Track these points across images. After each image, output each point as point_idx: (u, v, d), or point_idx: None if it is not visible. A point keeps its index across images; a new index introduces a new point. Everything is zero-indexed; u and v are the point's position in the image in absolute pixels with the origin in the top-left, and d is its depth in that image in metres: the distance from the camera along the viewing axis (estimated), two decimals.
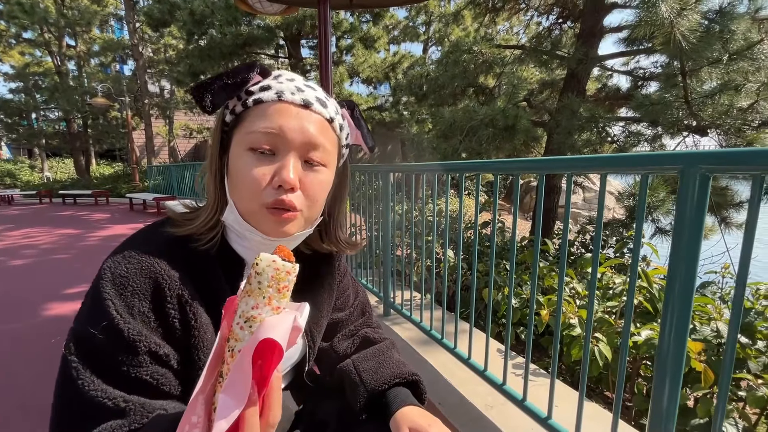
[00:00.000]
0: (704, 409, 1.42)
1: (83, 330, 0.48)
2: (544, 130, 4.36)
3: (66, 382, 0.47)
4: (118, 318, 0.47)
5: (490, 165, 1.31)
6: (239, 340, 0.36)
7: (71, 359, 0.47)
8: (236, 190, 0.54)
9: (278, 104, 0.53)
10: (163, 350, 0.50)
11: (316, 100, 0.55)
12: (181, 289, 0.52)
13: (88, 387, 0.45)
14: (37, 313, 2.76)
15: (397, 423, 0.58)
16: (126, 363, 0.47)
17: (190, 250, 0.55)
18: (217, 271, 0.56)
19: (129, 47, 14.75)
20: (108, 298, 0.48)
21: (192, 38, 9.05)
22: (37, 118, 17.26)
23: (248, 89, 0.54)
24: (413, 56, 10.42)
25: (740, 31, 2.70)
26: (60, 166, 19.16)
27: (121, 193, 11.94)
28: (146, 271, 0.50)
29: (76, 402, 0.46)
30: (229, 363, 0.36)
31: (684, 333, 0.74)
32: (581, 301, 1.91)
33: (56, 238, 5.85)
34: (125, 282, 0.49)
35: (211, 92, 0.52)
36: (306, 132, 0.53)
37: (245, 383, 0.33)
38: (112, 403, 0.46)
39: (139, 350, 0.47)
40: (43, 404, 1.66)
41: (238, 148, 0.54)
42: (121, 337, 0.47)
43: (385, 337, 0.77)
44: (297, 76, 0.57)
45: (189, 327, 0.52)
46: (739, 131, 2.77)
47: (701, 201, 0.68)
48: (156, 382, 0.49)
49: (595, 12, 4.17)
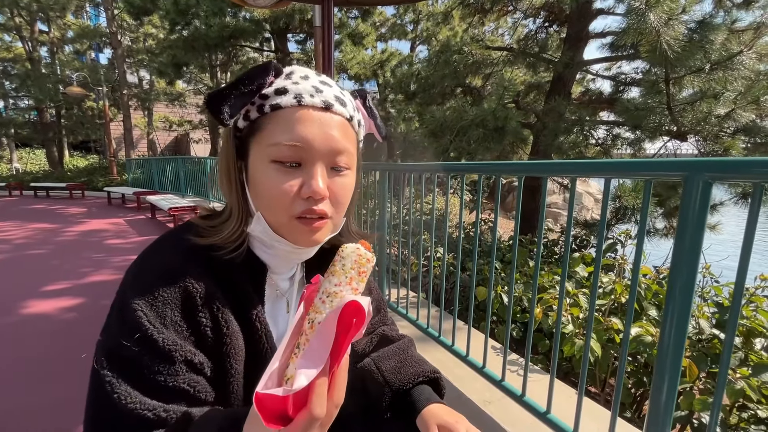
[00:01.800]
0: (687, 402, 1.50)
1: (115, 343, 0.47)
2: (530, 132, 4.45)
3: (101, 398, 0.46)
4: (151, 329, 0.46)
5: (494, 167, 1.34)
6: (320, 313, 0.38)
7: (104, 373, 0.46)
8: (263, 202, 0.53)
9: (299, 110, 0.50)
10: (197, 358, 0.49)
11: (336, 99, 0.53)
12: (211, 297, 0.51)
13: (126, 400, 0.45)
14: (14, 311, 2.65)
15: (424, 421, 0.59)
16: (163, 373, 0.47)
17: (214, 258, 0.53)
18: (243, 277, 0.56)
19: (106, 35, 14.22)
20: (139, 309, 0.47)
21: (175, 28, 8.80)
22: (6, 106, 16.43)
23: (263, 92, 0.51)
24: (401, 54, 10.44)
25: (718, 41, 2.83)
26: (30, 157, 18.32)
27: (97, 187, 11.50)
28: (175, 280, 0.49)
29: (115, 417, 0.45)
30: (307, 334, 0.37)
31: (684, 330, 0.78)
32: (570, 299, 1.97)
33: (30, 232, 5.61)
34: (155, 292, 0.48)
35: (229, 103, 0.49)
36: (330, 139, 0.51)
37: (326, 346, 0.35)
38: (153, 414, 0.45)
39: (175, 359, 0.47)
40: (16, 409, 1.60)
41: (259, 159, 0.51)
42: (156, 347, 0.46)
43: (402, 334, 0.78)
44: (310, 71, 0.55)
45: (221, 334, 0.52)
46: (717, 137, 2.90)
47: (703, 206, 0.72)
48: (193, 390, 0.49)
49: (581, 17, 4.28)
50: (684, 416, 1.55)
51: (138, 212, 7.91)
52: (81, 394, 0.47)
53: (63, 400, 1.65)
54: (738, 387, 1.51)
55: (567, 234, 1.03)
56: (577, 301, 1.89)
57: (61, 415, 1.56)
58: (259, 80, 0.50)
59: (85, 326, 2.42)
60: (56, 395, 1.68)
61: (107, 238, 5.27)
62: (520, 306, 2.18)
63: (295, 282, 0.63)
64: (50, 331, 2.35)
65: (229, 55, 10.60)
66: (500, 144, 3.67)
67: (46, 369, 1.91)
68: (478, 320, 2.31)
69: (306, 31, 9.81)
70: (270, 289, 0.60)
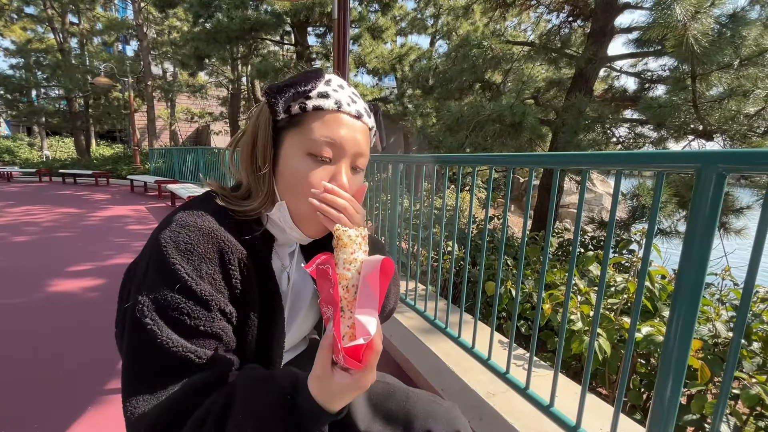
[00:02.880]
0: (698, 405, 1.46)
1: (157, 293, 0.50)
2: (549, 129, 4.37)
3: (144, 345, 0.49)
4: (190, 280, 0.51)
5: (504, 158, 1.33)
6: (349, 279, 0.45)
7: (146, 321, 0.49)
8: (292, 190, 0.58)
9: (337, 114, 0.57)
10: (228, 308, 0.55)
11: (365, 111, 0.61)
12: (239, 254, 0.56)
13: (170, 344, 0.49)
14: (42, 289, 2.78)
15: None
16: (201, 318, 0.51)
17: (238, 221, 0.59)
18: (260, 240, 0.61)
19: (133, 27, 14.58)
20: (176, 263, 0.51)
21: (198, 21, 8.96)
22: (37, 95, 17.09)
23: (308, 93, 0.57)
24: (420, 49, 10.35)
25: (752, 36, 2.70)
26: (59, 145, 19.02)
27: (121, 175, 11.87)
28: (208, 236, 0.54)
29: (159, 360, 0.49)
30: (346, 298, 0.44)
31: (690, 327, 0.77)
32: (582, 297, 1.94)
33: (58, 216, 5.85)
34: (191, 248, 0.52)
35: (284, 98, 0.55)
36: (358, 143, 0.59)
37: (375, 297, 0.43)
38: (195, 356, 0.50)
39: (211, 308, 0.52)
40: (42, 377, 1.69)
41: (295, 149, 0.58)
42: (195, 296, 0.51)
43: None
44: (344, 83, 0.62)
45: (245, 288, 0.57)
46: (745, 137, 2.78)
47: (716, 199, 0.70)
48: (226, 335, 0.54)
49: (606, 12, 4.16)
50: (696, 420, 1.52)
51: (159, 200, 8.14)
52: (102, 365, 0.50)
53: (84, 369, 1.74)
54: (753, 392, 1.46)
55: (576, 228, 1.02)
56: (589, 300, 1.86)
57: (83, 383, 1.64)
58: (312, 83, 0.57)
59: (107, 304, 2.52)
60: (78, 366, 1.77)
61: (129, 224, 5.45)
62: (530, 303, 2.16)
63: (294, 258, 0.70)
64: (74, 308, 2.46)
65: (250, 48, 10.72)
66: (517, 140, 3.61)
67: (69, 342, 2.00)
68: (487, 315, 2.30)
69: (326, 25, 9.83)
70: (275, 259, 0.66)
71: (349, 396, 0.45)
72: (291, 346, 0.77)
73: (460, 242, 3.13)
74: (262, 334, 0.61)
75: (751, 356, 1.56)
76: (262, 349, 0.62)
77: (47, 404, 1.52)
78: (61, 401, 1.53)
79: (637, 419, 1.77)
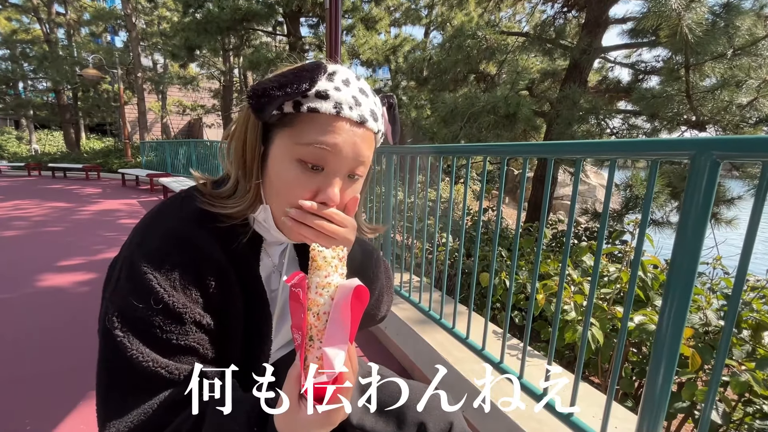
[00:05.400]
0: (689, 392, 1.48)
1: (126, 304, 0.47)
2: (543, 120, 4.36)
3: (114, 357, 0.46)
4: (162, 291, 0.47)
5: (498, 148, 1.32)
6: (321, 306, 0.40)
7: (116, 333, 0.46)
8: (276, 196, 0.53)
9: (335, 120, 0.50)
10: (205, 320, 0.51)
11: (371, 115, 0.53)
12: (216, 262, 0.53)
13: (140, 358, 0.46)
14: (31, 284, 2.74)
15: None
16: (174, 332, 0.48)
17: (220, 225, 0.54)
18: (245, 245, 0.57)
19: (121, 17, 14.27)
20: (148, 273, 0.48)
21: (188, 10, 8.78)
22: (24, 87, 16.73)
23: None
24: (414, 40, 10.25)
25: (745, 26, 2.70)
26: (48, 138, 18.69)
27: (112, 168, 11.70)
28: (185, 244, 0.50)
29: (129, 374, 0.46)
30: (316, 326, 0.40)
31: (683, 315, 0.77)
32: (575, 287, 1.95)
33: (47, 210, 5.76)
34: (163, 257, 0.49)
35: (273, 102, 0.48)
36: (357, 152, 0.52)
37: (345, 328, 0.39)
38: (166, 371, 0.47)
39: (185, 320, 0.49)
40: (33, 375, 1.67)
41: (283, 153, 0.51)
42: (167, 309, 0.48)
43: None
44: (351, 74, 0.54)
45: (225, 298, 0.54)
46: (737, 127, 2.80)
47: (710, 186, 0.70)
48: (201, 347, 0.51)
49: (600, 2, 4.14)
50: (686, 407, 1.54)
51: (151, 194, 8.05)
52: (92, 361, 0.48)
53: (75, 366, 1.72)
54: (743, 379, 1.48)
55: (570, 218, 1.01)
56: (582, 289, 1.87)
57: (74, 379, 1.62)
58: (306, 83, 0.48)
59: (97, 299, 2.49)
60: (68, 362, 1.75)
61: (120, 218, 5.39)
62: (524, 293, 2.17)
63: (286, 256, 0.66)
64: (64, 303, 2.43)
65: (241, 38, 10.54)
66: (511, 131, 3.60)
67: (59, 337, 1.98)
68: (481, 306, 2.31)
69: (318, 15, 9.69)
70: (265, 259, 0.62)
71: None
72: (282, 344, 0.73)
73: (454, 234, 3.13)
74: (246, 343, 0.58)
75: (741, 344, 1.58)
76: (246, 357, 0.59)
77: (39, 402, 1.50)
78: (53, 398, 1.52)
79: (628, 407, 1.80)
